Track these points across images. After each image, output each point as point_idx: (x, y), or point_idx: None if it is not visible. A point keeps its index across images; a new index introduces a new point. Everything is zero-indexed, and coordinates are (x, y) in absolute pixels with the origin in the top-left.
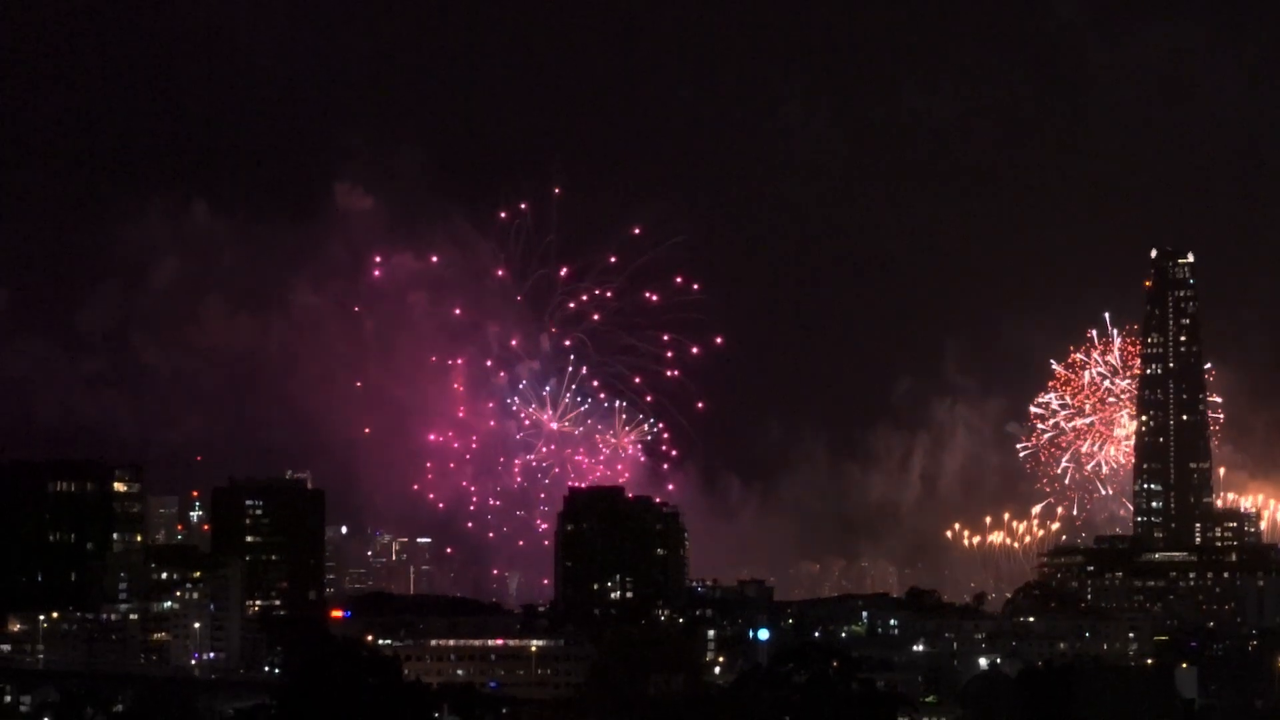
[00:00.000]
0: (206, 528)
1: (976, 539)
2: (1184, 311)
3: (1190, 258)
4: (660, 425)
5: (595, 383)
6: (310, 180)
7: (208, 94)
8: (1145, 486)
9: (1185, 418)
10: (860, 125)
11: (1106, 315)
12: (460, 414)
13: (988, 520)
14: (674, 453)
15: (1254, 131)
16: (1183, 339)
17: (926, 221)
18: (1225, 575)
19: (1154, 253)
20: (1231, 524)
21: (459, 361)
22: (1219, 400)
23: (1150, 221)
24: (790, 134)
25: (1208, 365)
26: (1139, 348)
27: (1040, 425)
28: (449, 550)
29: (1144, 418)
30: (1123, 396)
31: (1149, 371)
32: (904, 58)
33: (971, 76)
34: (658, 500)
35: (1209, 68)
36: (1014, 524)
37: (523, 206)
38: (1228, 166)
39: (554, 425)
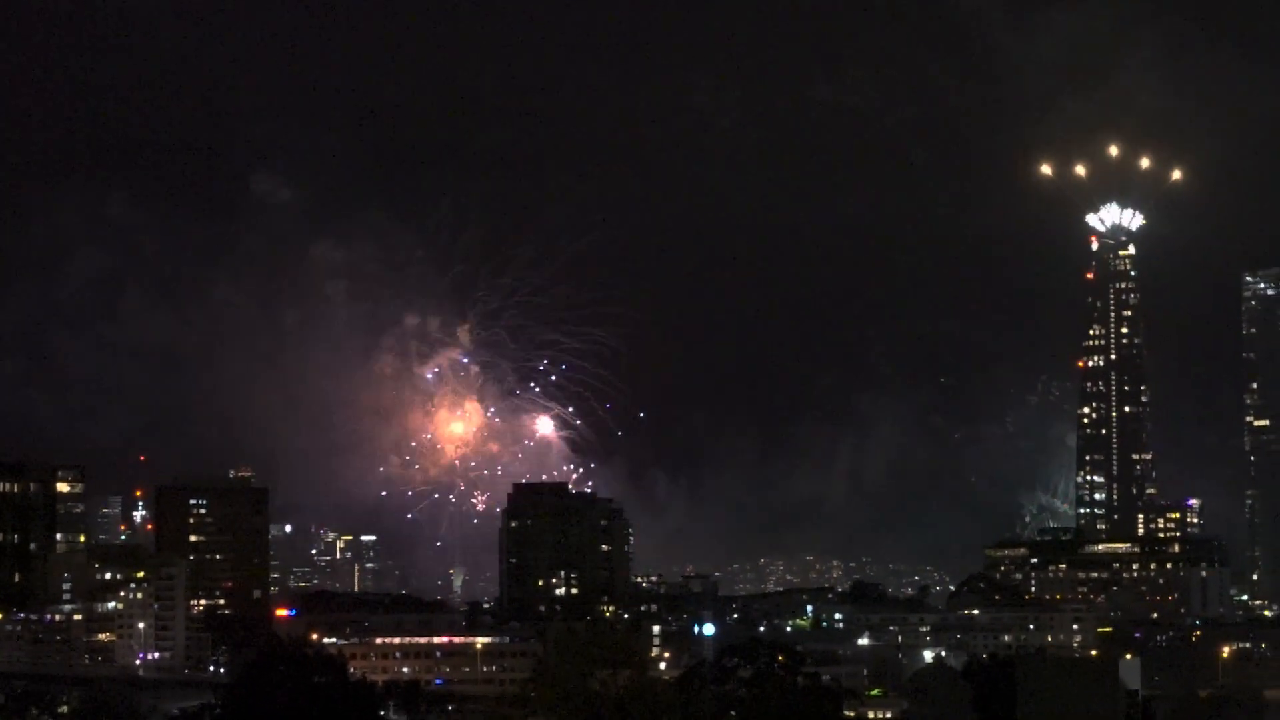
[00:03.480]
0: (150, 527)
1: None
2: (1125, 303)
3: (1131, 250)
4: (582, 420)
5: (517, 376)
6: (229, 172)
7: (124, 86)
8: (1087, 478)
9: (1127, 409)
10: (774, 114)
11: None
12: (385, 405)
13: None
14: (597, 449)
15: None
16: (1124, 330)
17: (849, 212)
18: (1168, 566)
19: (1095, 244)
20: (1174, 515)
21: (380, 353)
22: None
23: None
24: (706, 124)
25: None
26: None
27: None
28: (385, 546)
29: (1085, 410)
30: None
31: (1090, 363)
32: (815, 46)
33: (883, 64)
34: (602, 496)
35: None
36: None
37: (442, 200)
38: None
39: (477, 418)
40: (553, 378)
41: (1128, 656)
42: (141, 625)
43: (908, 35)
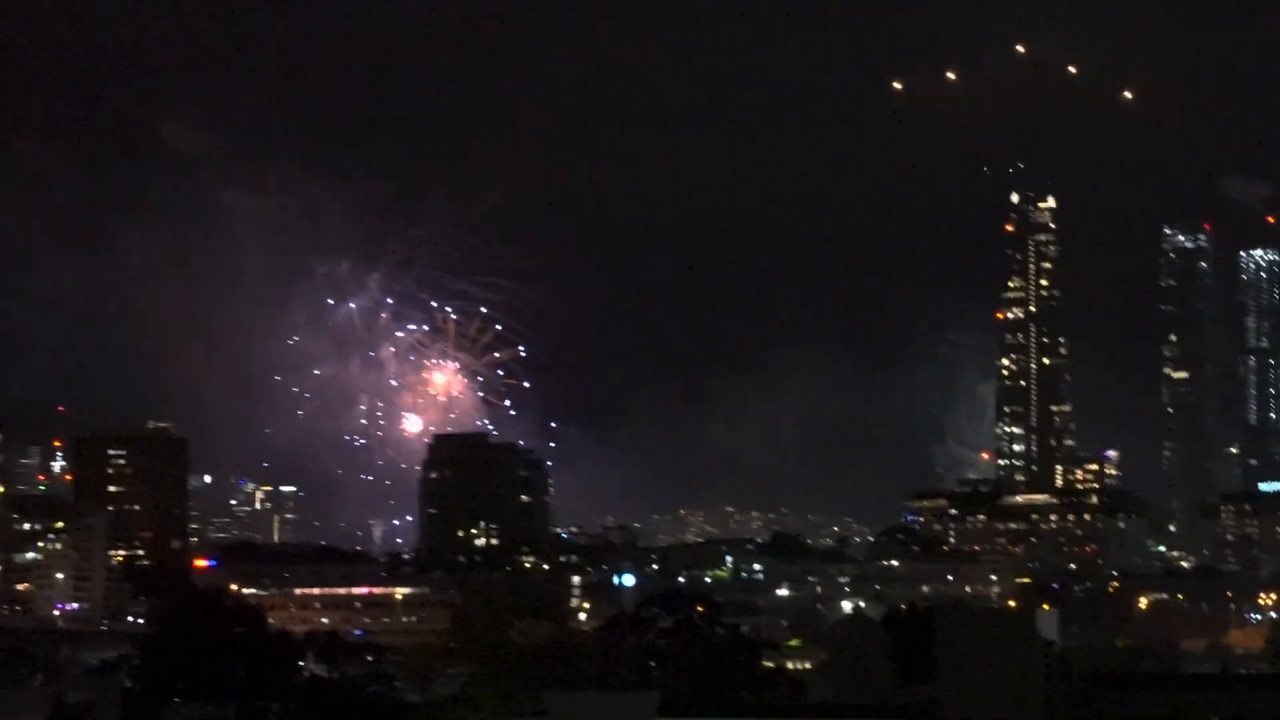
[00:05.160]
0: (69, 478)
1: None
2: (1045, 255)
3: (1051, 202)
4: (493, 371)
5: (428, 326)
6: (140, 120)
7: (33, 28)
8: (1006, 430)
9: (1046, 361)
10: (690, 69)
11: None
12: (299, 354)
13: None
14: (508, 399)
15: (1107, 75)
16: (1043, 283)
17: (760, 165)
18: (1086, 517)
19: (1015, 197)
20: (1092, 466)
21: (293, 302)
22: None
23: (1005, 164)
24: (620, 78)
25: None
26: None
27: None
28: (304, 496)
29: (1004, 361)
30: None
31: (1009, 315)
32: (754, 12)
33: (821, 30)
34: (522, 445)
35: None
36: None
37: (355, 151)
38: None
39: (391, 367)
40: (465, 328)
41: (1045, 607)
42: (60, 576)
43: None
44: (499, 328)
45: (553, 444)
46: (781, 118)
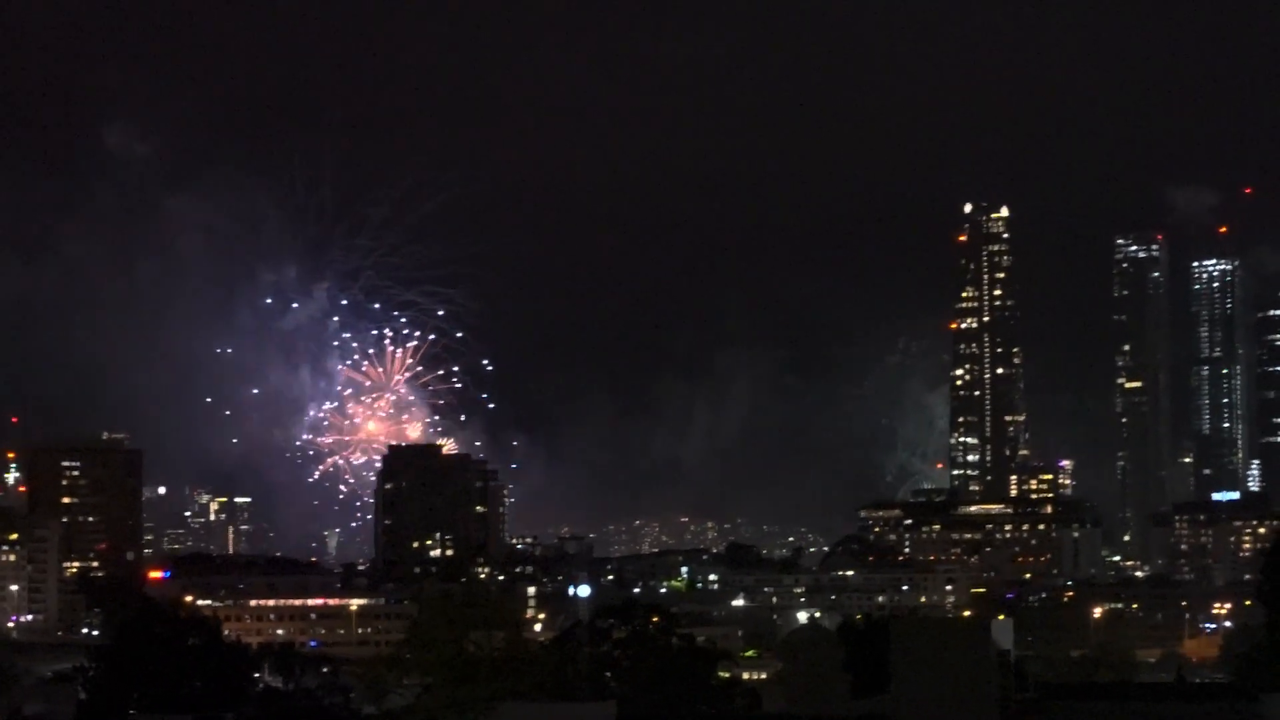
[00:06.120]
0: (22, 489)
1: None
2: (999, 265)
3: (1005, 211)
4: (447, 379)
5: (375, 337)
6: (80, 124)
7: None
8: (960, 440)
9: (1000, 371)
10: (629, 73)
11: None
12: (246, 364)
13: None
14: (453, 402)
15: (1060, 83)
16: (997, 293)
17: (707, 171)
18: (1040, 527)
19: (968, 207)
20: (1046, 476)
21: (238, 310)
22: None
23: (959, 173)
24: (560, 85)
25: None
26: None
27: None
28: (257, 507)
29: (958, 371)
30: None
31: (962, 325)
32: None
33: (739, 15)
34: (477, 458)
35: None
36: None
37: (296, 158)
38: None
39: (339, 378)
40: (410, 336)
41: (1000, 617)
42: (14, 587)
43: None
44: (444, 339)
45: (505, 453)
46: (734, 127)
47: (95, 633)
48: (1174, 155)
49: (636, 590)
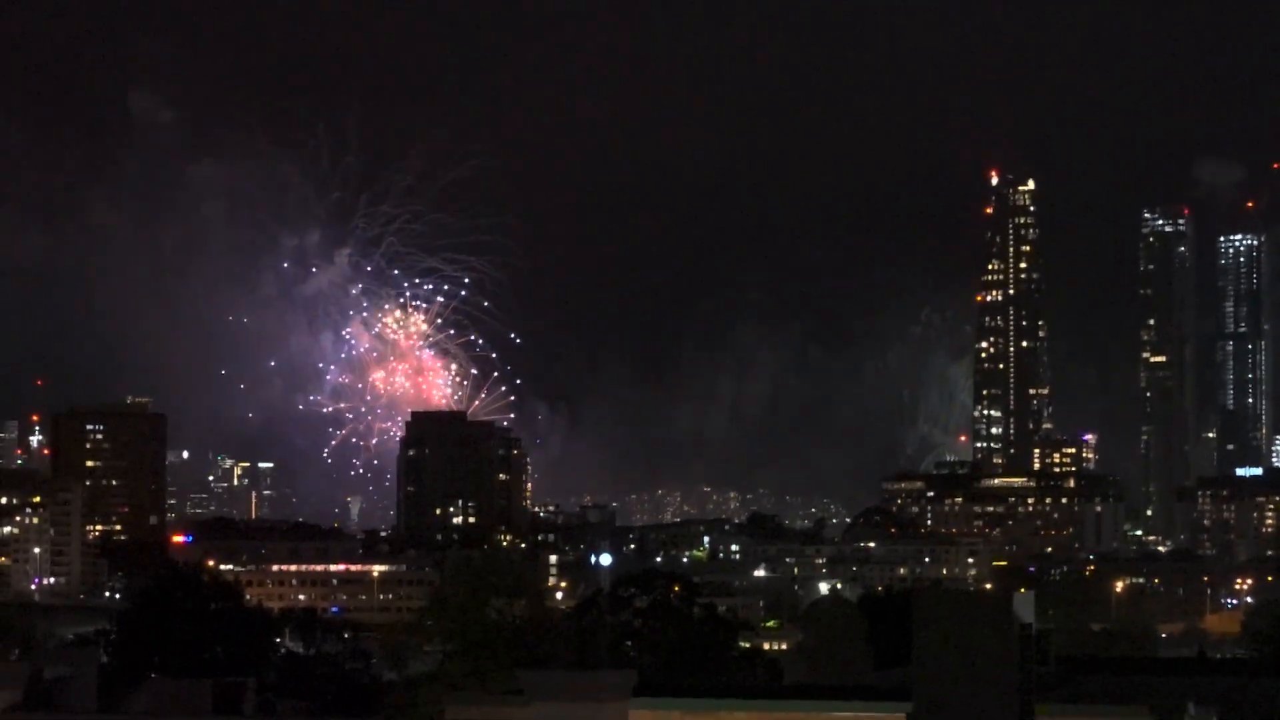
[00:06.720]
0: (47, 452)
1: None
2: (1024, 238)
3: (1031, 185)
4: (464, 349)
5: (398, 303)
6: (106, 91)
7: None
8: (984, 413)
9: (1024, 344)
10: (657, 46)
11: None
12: (268, 329)
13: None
14: (474, 372)
15: (1091, 58)
16: (1023, 266)
17: (732, 143)
18: (1063, 501)
19: (995, 179)
20: (1070, 450)
21: (261, 276)
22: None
23: (984, 145)
24: (587, 55)
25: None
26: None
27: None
28: (281, 472)
29: (983, 344)
30: None
31: (988, 298)
32: None
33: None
34: (502, 425)
35: None
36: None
37: (320, 126)
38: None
39: (362, 344)
40: (433, 306)
41: (1022, 590)
42: (37, 550)
43: None
44: (467, 305)
45: (520, 422)
46: (758, 97)
47: (117, 596)
48: (1201, 129)
49: (658, 559)
